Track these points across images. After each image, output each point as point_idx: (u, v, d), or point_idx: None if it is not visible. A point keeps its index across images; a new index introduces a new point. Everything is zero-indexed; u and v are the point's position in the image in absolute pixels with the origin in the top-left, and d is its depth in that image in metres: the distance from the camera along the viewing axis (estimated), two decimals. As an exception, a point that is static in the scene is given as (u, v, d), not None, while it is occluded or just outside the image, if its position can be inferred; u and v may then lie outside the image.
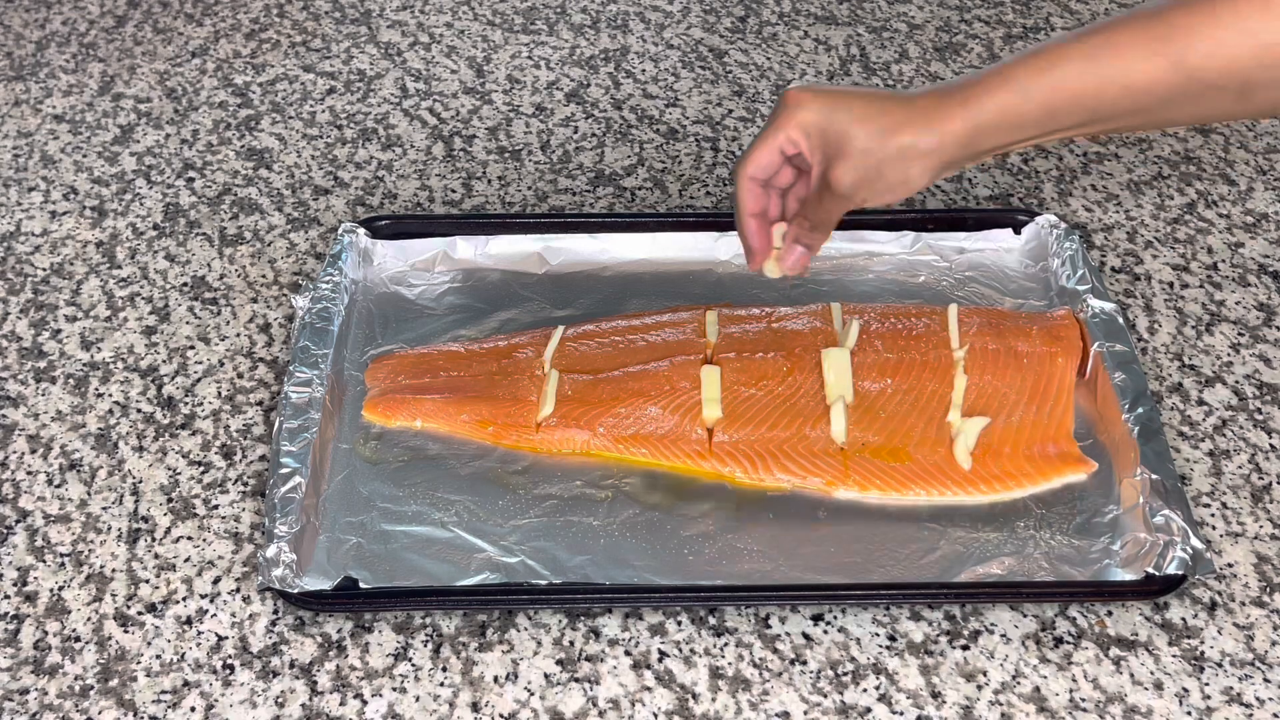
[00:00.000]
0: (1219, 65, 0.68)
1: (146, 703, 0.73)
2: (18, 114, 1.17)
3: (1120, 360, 0.86)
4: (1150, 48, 0.69)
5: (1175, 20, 0.68)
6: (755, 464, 0.83)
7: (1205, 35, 0.68)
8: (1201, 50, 0.68)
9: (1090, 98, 0.70)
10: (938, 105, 0.72)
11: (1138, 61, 0.69)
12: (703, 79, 1.20)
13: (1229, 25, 0.67)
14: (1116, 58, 0.69)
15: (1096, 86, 0.70)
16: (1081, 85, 0.70)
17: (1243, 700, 0.73)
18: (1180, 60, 0.68)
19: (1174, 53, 0.68)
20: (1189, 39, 0.68)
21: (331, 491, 0.83)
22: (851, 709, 0.72)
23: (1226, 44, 0.67)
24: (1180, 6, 0.68)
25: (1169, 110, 0.71)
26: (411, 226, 1.00)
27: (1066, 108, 0.71)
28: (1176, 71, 0.69)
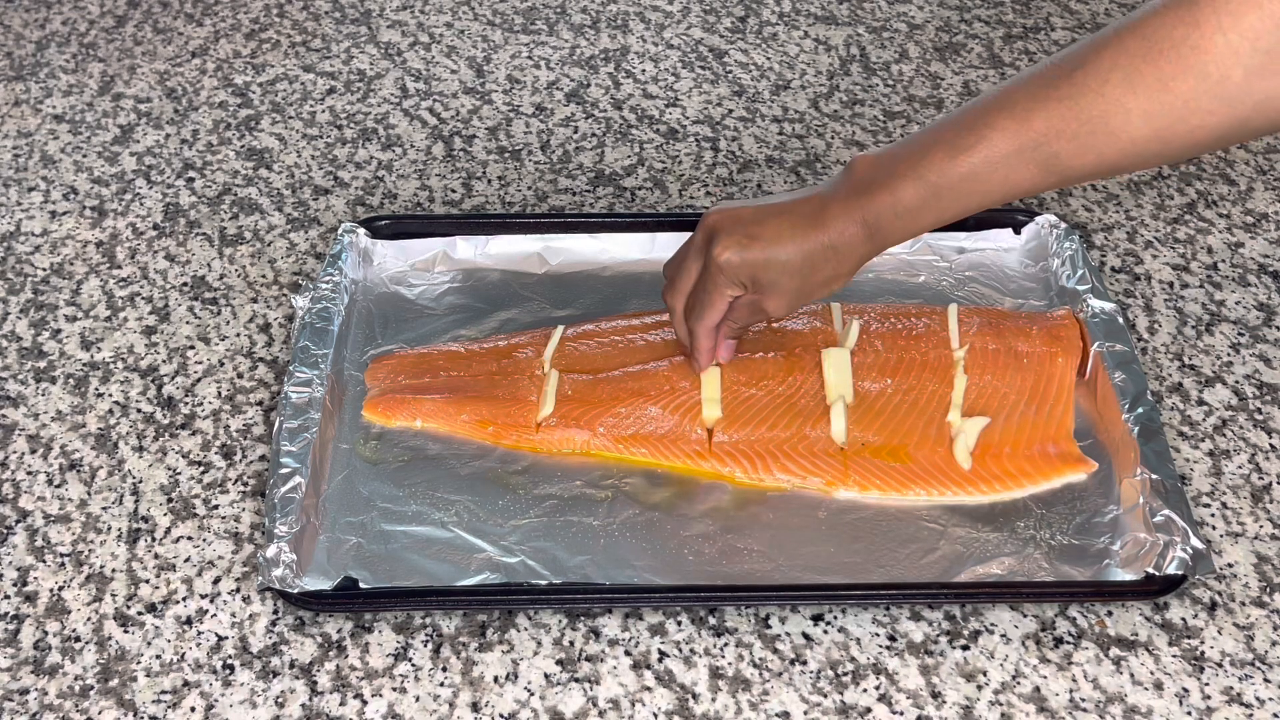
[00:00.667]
0: (1089, 164, 0.71)
1: (146, 703, 0.73)
2: (18, 114, 1.17)
3: (1120, 360, 0.86)
4: (1024, 158, 0.71)
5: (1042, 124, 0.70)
6: (755, 464, 0.83)
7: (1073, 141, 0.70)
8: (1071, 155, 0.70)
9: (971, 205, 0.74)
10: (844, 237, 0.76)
11: (1013, 172, 0.72)
12: (703, 79, 1.20)
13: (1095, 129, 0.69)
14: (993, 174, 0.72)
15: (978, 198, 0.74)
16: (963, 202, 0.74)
17: (1243, 700, 0.73)
18: (1052, 167, 0.71)
19: (1045, 160, 0.71)
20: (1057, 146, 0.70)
21: (331, 491, 0.83)
22: (851, 709, 0.72)
23: (1095, 148, 0.70)
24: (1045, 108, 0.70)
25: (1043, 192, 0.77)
26: (411, 226, 1.00)
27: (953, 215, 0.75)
28: (1049, 175, 0.72)
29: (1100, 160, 0.71)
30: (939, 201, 0.74)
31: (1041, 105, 0.70)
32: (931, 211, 0.75)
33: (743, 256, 0.78)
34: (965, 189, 0.73)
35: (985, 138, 0.72)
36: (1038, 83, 0.71)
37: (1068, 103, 0.69)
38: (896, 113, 1.15)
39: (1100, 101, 0.68)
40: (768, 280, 0.78)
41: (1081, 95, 0.69)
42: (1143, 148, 0.69)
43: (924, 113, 1.14)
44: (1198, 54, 0.65)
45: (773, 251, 0.77)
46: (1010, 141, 0.71)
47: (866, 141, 1.11)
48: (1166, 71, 0.66)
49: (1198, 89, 0.66)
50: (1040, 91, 0.71)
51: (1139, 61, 0.67)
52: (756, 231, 0.77)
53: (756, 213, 0.78)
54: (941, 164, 0.73)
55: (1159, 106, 0.67)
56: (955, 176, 0.73)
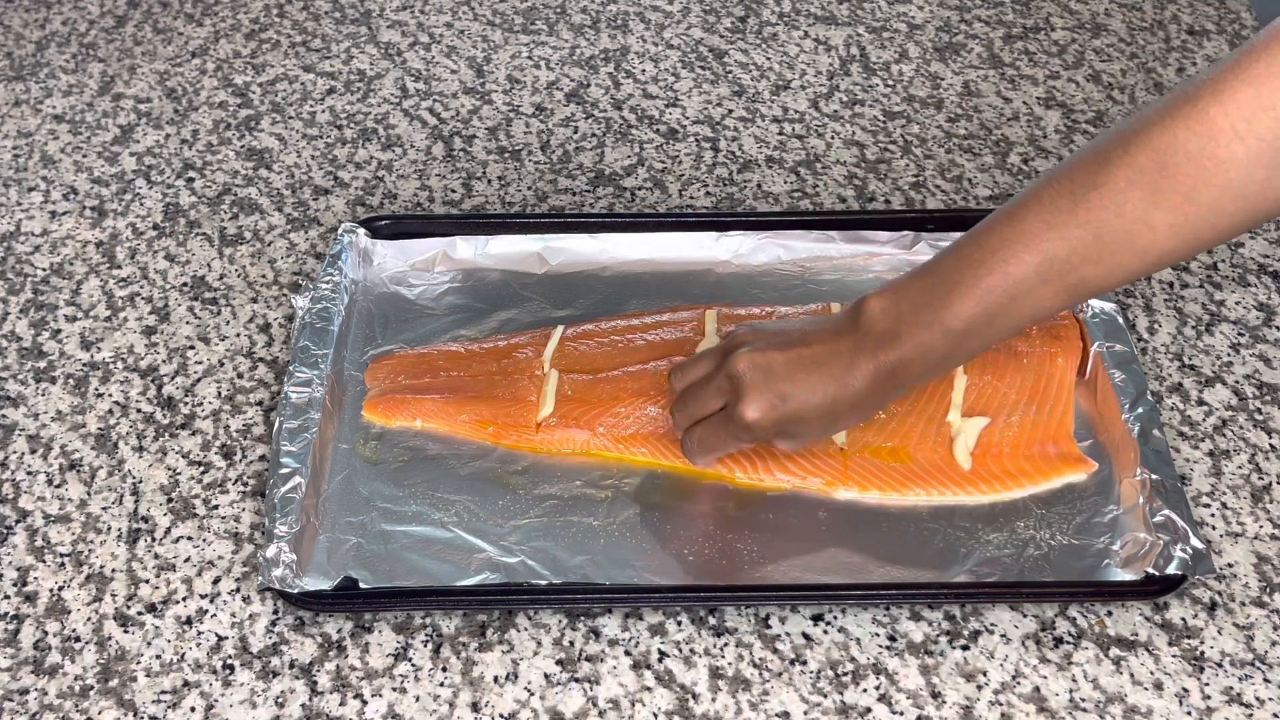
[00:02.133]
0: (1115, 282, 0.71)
1: (146, 703, 0.73)
2: (18, 114, 1.17)
3: (1120, 360, 0.86)
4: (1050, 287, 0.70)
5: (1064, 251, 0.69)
6: (755, 464, 0.83)
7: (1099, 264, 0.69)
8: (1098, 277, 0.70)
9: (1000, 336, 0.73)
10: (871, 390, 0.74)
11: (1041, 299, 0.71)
12: (703, 79, 1.20)
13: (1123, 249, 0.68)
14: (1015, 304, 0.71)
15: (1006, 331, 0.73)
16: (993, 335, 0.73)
17: (1243, 700, 0.73)
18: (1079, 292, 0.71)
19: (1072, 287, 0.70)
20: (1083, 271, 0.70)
21: (331, 491, 0.83)
22: (851, 709, 0.72)
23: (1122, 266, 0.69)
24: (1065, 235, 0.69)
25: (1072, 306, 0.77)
26: (411, 226, 1.00)
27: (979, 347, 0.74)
28: (1075, 297, 0.71)
29: (1128, 274, 0.70)
30: (968, 344, 0.73)
31: (1060, 234, 0.69)
32: (961, 353, 0.74)
33: (771, 418, 0.75)
34: (994, 328, 0.72)
35: (1007, 275, 0.70)
36: (1050, 208, 0.69)
37: (1088, 228, 0.68)
38: (896, 113, 1.15)
39: (1121, 222, 0.67)
40: (795, 432, 0.77)
41: (1102, 219, 0.68)
42: (1170, 256, 0.69)
43: (924, 113, 1.14)
44: (1217, 164, 0.65)
45: (798, 411, 0.75)
46: (1034, 275, 0.70)
47: (866, 141, 1.11)
48: (1187, 185, 0.66)
49: (1222, 197, 0.65)
50: (1056, 219, 0.69)
51: (1156, 178, 0.66)
52: (787, 391, 0.75)
53: (787, 366, 0.75)
54: (965, 310, 0.71)
55: (1184, 219, 0.67)
56: (981, 320, 0.71)
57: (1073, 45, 1.22)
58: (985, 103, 1.15)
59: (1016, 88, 1.17)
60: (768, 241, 0.99)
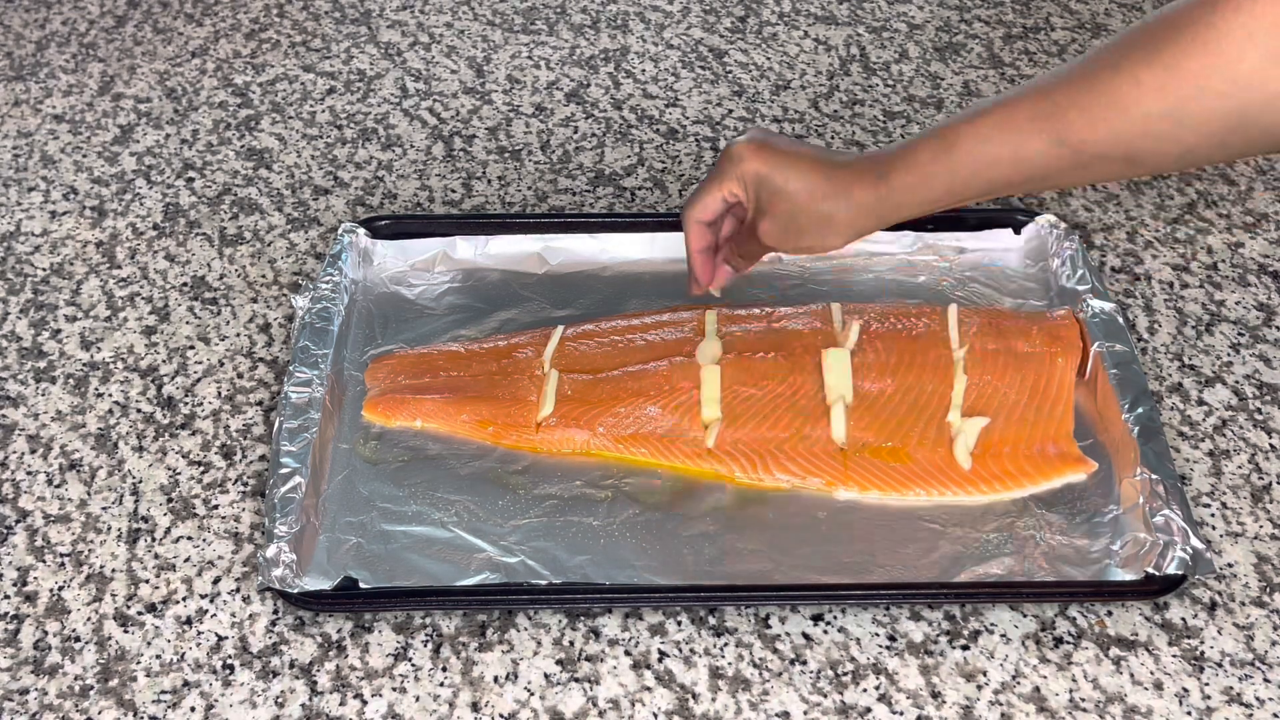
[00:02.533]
0: (1101, 139, 0.71)
1: (146, 703, 0.73)
2: (18, 114, 1.17)
3: (1120, 360, 0.86)
4: (1036, 125, 0.72)
5: (1059, 98, 0.71)
6: (755, 464, 0.83)
7: (1086, 111, 0.70)
8: (1083, 126, 0.71)
9: (985, 175, 0.75)
10: (856, 180, 0.78)
11: (1027, 140, 0.72)
12: (703, 79, 1.20)
13: (1109, 101, 0.70)
14: (1007, 138, 0.73)
15: (990, 165, 0.74)
16: (976, 165, 0.74)
17: (1243, 700, 0.73)
18: (1064, 137, 0.71)
19: (1058, 129, 0.71)
20: (1071, 116, 0.71)
21: (331, 491, 0.83)
22: (851, 709, 0.72)
23: (1107, 119, 0.70)
24: (1065, 82, 0.71)
25: (1063, 178, 0.75)
26: (411, 226, 1.00)
27: (966, 184, 0.76)
28: (1062, 146, 0.72)
29: (1113, 135, 0.70)
30: (950, 158, 0.75)
31: (1060, 79, 0.72)
32: (943, 168, 0.75)
33: (755, 148, 0.80)
34: (978, 152, 0.74)
35: (1003, 104, 0.74)
36: (1065, 64, 0.73)
37: (1085, 77, 0.71)
38: (896, 113, 1.15)
39: (1115, 75, 0.69)
40: (772, 187, 0.79)
41: (1099, 70, 0.70)
42: (1155, 125, 0.69)
43: (924, 113, 1.14)
44: (1212, 31, 0.66)
45: (783, 157, 0.79)
46: (1026, 109, 0.72)
47: (866, 141, 1.11)
48: (1182, 47, 0.67)
49: (1210, 66, 0.66)
50: (1062, 70, 0.72)
51: (1156, 39, 0.68)
52: (774, 141, 0.80)
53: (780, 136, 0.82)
54: (958, 125, 0.75)
55: (1172, 80, 0.68)
56: (970, 134, 0.74)
57: (1073, 45, 1.22)
58: (985, 103, 1.15)
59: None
60: (768, 241, 0.99)
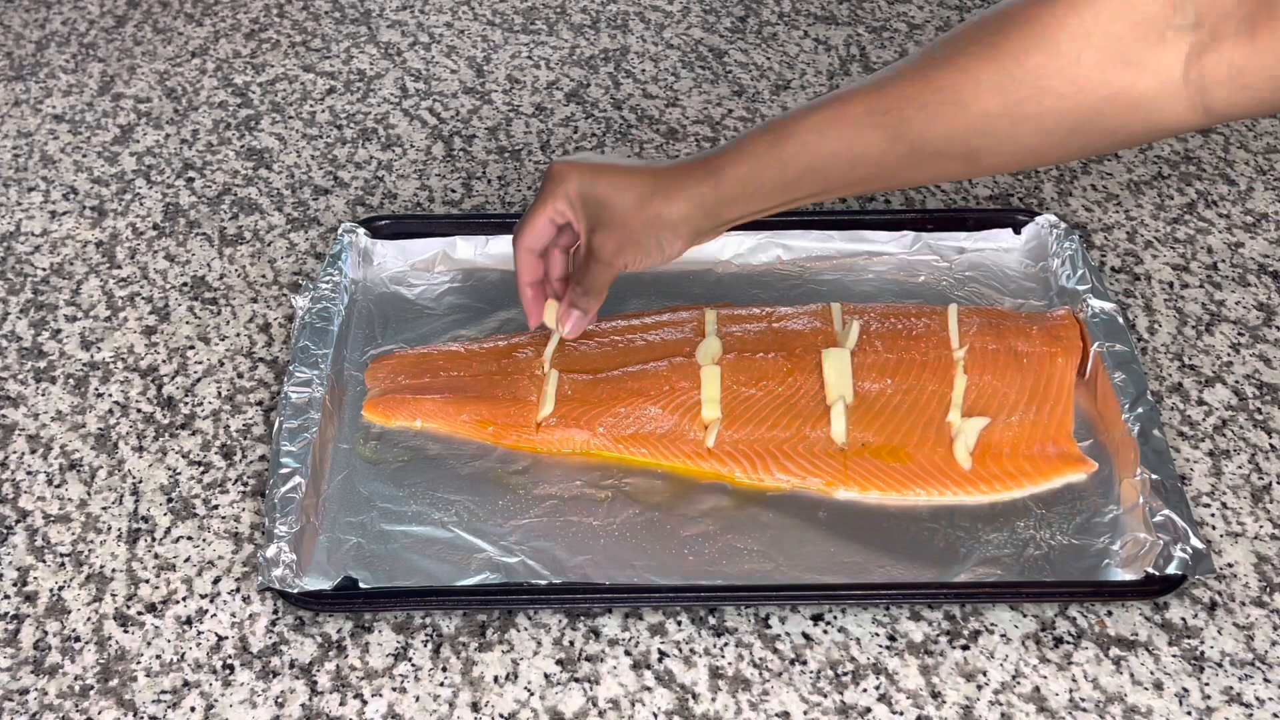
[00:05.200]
0: (939, 136, 0.69)
1: (146, 703, 0.73)
2: (18, 114, 1.17)
3: (1120, 360, 0.86)
4: (873, 120, 0.70)
5: (897, 93, 0.69)
6: (755, 464, 0.83)
7: (924, 108, 0.69)
8: (920, 123, 0.69)
9: (820, 170, 0.72)
10: (685, 176, 0.75)
11: (862, 134, 0.71)
12: (703, 79, 1.20)
13: (947, 98, 0.68)
14: (841, 132, 0.71)
15: (825, 160, 0.72)
16: (810, 160, 0.72)
17: (1243, 700, 0.73)
18: (901, 133, 0.70)
19: (895, 125, 0.70)
20: (908, 112, 0.69)
21: (331, 491, 0.83)
22: (851, 709, 0.72)
23: (945, 117, 0.69)
24: (903, 78, 0.70)
25: (901, 176, 0.73)
26: (411, 226, 1.00)
27: (799, 179, 0.73)
28: (898, 143, 0.70)
29: (950, 133, 0.69)
30: (783, 151, 0.73)
31: (898, 74, 0.70)
32: (773, 158, 0.73)
33: (576, 163, 0.78)
34: (811, 141, 0.72)
35: (839, 97, 0.72)
36: (903, 60, 0.71)
37: (921, 73, 0.69)
38: (896, 113, 1.15)
39: (952, 72, 0.68)
40: (599, 197, 0.77)
41: (936, 67, 0.68)
42: (992, 124, 0.68)
43: (924, 113, 1.14)
44: (1050, 30, 0.65)
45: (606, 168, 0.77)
46: (862, 103, 0.71)
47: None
48: (1019, 45, 0.66)
49: (1048, 66, 0.65)
50: (901, 64, 0.71)
51: (995, 35, 0.67)
52: (600, 156, 0.79)
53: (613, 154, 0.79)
54: (792, 115, 0.73)
55: (1009, 80, 0.66)
56: (802, 126, 0.72)
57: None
58: (985, 103, 1.15)
59: (1016, 88, 1.17)
60: (767, 241, 0.99)
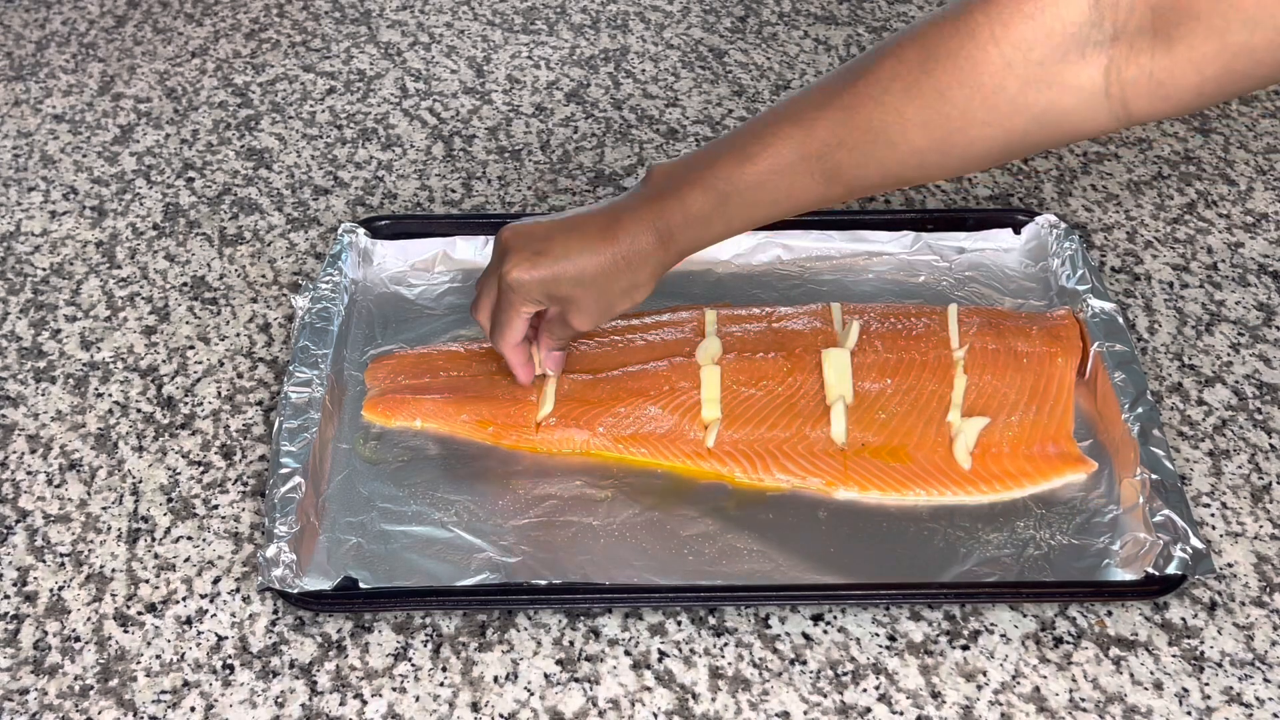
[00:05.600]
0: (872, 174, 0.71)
1: (146, 703, 0.73)
2: (18, 114, 1.17)
3: (1120, 360, 0.86)
4: (807, 166, 0.71)
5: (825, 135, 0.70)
6: (755, 464, 0.83)
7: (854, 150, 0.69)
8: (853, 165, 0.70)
9: (762, 214, 0.75)
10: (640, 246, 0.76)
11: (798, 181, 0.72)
12: (703, 79, 1.20)
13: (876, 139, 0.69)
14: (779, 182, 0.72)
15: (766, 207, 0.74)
16: (752, 211, 0.74)
17: (1243, 700, 0.73)
18: (835, 176, 0.71)
19: (827, 169, 0.71)
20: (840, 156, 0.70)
21: (331, 491, 0.83)
22: (851, 709, 0.72)
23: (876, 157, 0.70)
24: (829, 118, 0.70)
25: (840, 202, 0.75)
26: (411, 226, 1.00)
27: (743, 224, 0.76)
28: (834, 184, 0.72)
29: (883, 171, 0.71)
30: (726, 209, 0.74)
31: (824, 115, 0.70)
32: (720, 219, 0.75)
33: (531, 274, 0.78)
34: (752, 197, 0.73)
35: (771, 146, 0.72)
36: (823, 93, 0.71)
37: (849, 112, 0.69)
38: (896, 113, 1.15)
39: (879, 111, 0.68)
40: (563, 295, 0.78)
41: (862, 105, 0.69)
42: (923, 158, 0.69)
43: (924, 113, 1.14)
44: (972, 64, 0.65)
45: (561, 267, 0.77)
46: (794, 151, 0.71)
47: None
48: (942, 82, 0.66)
49: (973, 99, 0.66)
50: (824, 100, 0.71)
51: (916, 71, 0.67)
52: (544, 248, 0.77)
53: (548, 229, 0.78)
54: (729, 172, 0.73)
55: (936, 116, 0.67)
56: (742, 184, 0.73)
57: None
58: (985, 103, 1.15)
59: (1016, 88, 1.17)
60: (767, 241, 0.99)
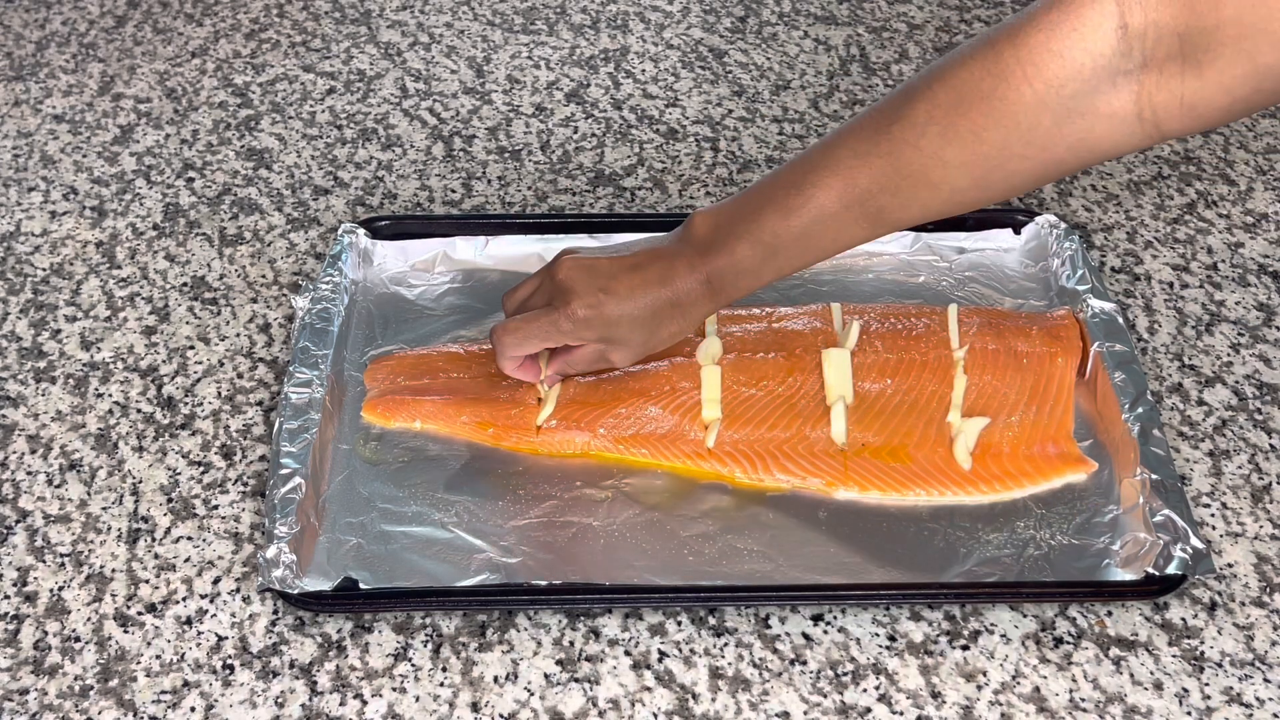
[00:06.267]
0: (915, 215, 0.74)
1: (146, 703, 0.73)
2: (18, 114, 1.17)
3: (1120, 360, 0.86)
4: (851, 214, 0.74)
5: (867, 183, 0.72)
6: (755, 464, 0.83)
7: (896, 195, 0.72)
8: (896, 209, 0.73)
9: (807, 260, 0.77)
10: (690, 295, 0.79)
11: (845, 227, 0.74)
12: (703, 79, 1.20)
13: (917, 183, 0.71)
14: (824, 230, 0.75)
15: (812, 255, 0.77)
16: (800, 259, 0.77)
17: (1243, 700, 0.73)
18: (880, 220, 0.74)
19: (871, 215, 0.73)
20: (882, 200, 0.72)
21: (331, 492, 0.83)
22: (851, 709, 0.72)
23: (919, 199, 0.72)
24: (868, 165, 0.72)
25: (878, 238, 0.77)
26: (411, 227, 1.00)
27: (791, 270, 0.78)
28: (880, 227, 0.74)
29: (925, 210, 0.73)
30: (775, 260, 0.77)
31: (864, 162, 0.72)
32: (770, 269, 0.78)
33: (599, 313, 0.79)
34: (799, 247, 0.76)
35: (813, 198, 0.74)
36: (859, 137, 0.73)
37: (888, 159, 0.71)
38: (896, 113, 1.15)
39: (919, 156, 0.70)
40: (618, 336, 0.80)
41: (901, 151, 0.70)
42: (964, 195, 0.71)
43: (924, 113, 1.14)
44: (1006, 105, 0.67)
45: (625, 309, 0.79)
46: (837, 201, 0.73)
47: (866, 141, 1.11)
48: (978, 124, 0.68)
49: (1009, 138, 0.67)
50: (862, 148, 0.72)
51: (952, 115, 0.68)
52: (611, 288, 0.79)
53: (611, 267, 0.80)
54: (774, 226, 0.75)
55: (974, 157, 0.69)
56: (788, 237, 0.75)
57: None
58: (985, 103, 1.15)
59: (1016, 88, 1.17)
60: (768, 241, 0.99)
